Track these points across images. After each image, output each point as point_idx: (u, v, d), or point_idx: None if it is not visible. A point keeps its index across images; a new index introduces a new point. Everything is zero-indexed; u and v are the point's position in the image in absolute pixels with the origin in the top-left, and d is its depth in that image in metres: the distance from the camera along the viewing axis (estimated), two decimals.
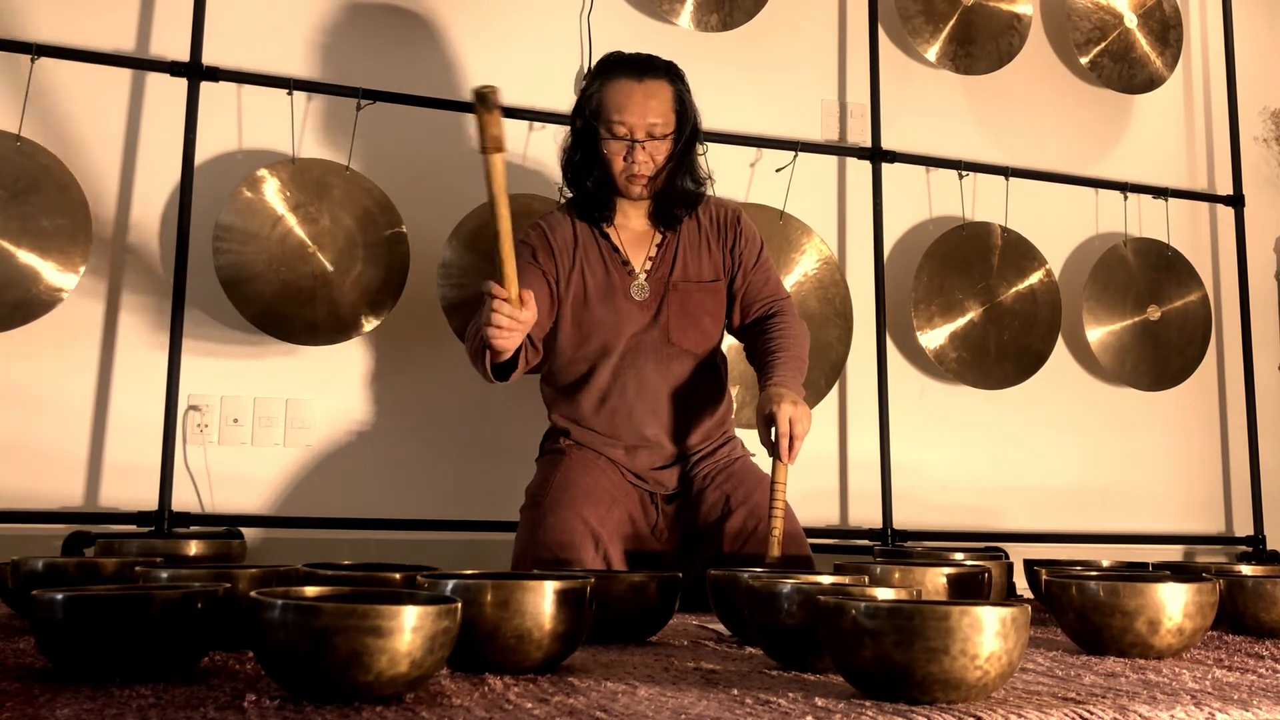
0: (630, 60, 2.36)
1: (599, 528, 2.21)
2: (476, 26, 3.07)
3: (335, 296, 2.74)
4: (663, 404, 2.36)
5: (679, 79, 2.37)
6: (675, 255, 2.40)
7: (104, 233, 2.71)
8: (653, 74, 2.33)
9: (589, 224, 2.40)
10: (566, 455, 2.35)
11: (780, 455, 2.14)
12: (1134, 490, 3.57)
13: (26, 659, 1.39)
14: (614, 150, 2.32)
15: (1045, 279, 3.40)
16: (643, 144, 2.30)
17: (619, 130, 2.30)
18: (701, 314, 2.39)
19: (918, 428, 3.32)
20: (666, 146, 2.33)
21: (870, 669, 1.20)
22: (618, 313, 2.35)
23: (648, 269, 2.39)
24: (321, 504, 2.80)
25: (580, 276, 2.36)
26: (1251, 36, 3.90)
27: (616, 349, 2.34)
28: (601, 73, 2.36)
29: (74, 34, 2.73)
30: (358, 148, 2.82)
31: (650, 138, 2.30)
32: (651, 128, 2.30)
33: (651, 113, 2.30)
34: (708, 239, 2.43)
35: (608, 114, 2.31)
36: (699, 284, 2.39)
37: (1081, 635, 1.64)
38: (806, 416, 2.16)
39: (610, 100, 2.31)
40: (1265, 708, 1.20)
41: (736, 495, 2.32)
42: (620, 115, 2.29)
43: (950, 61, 3.39)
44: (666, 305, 2.37)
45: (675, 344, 2.37)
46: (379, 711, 1.10)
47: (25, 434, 2.63)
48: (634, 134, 2.30)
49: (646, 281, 2.37)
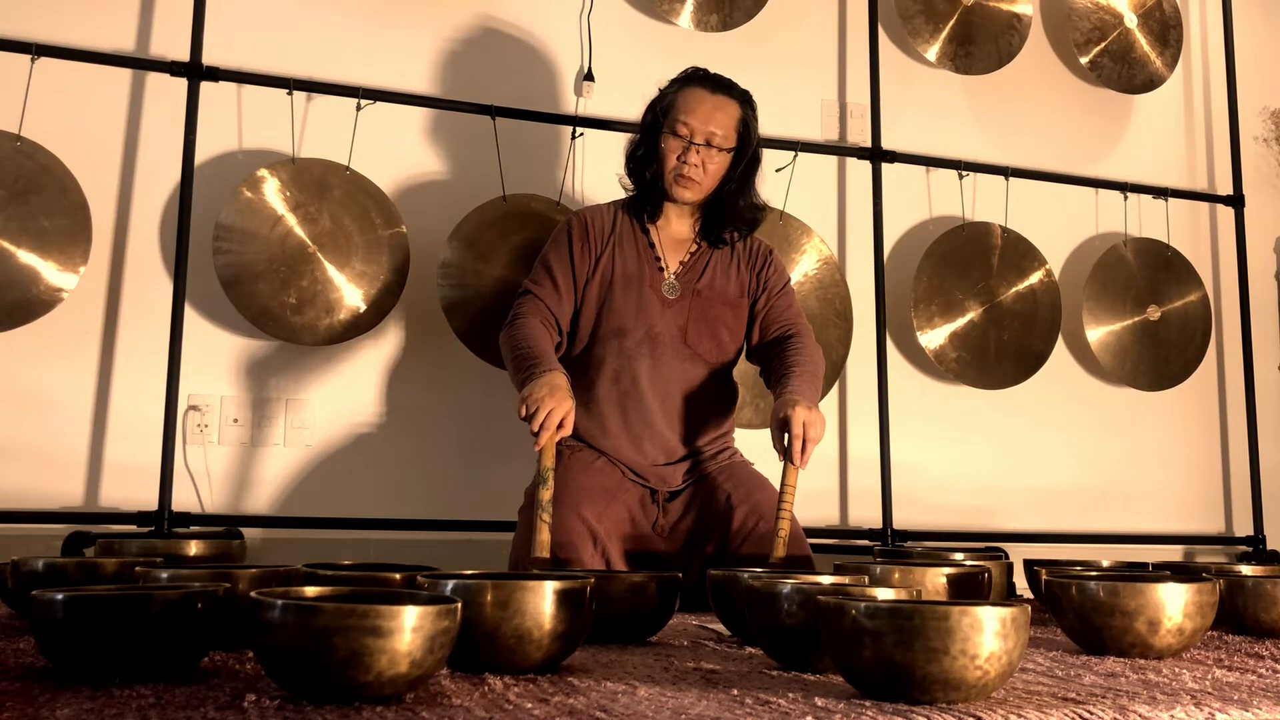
0: (711, 76, 2.49)
1: (597, 526, 2.22)
2: (477, 26, 3.07)
3: (335, 297, 2.74)
4: (673, 399, 2.41)
5: (750, 105, 2.49)
6: (706, 266, 2.50)
7: (104, 233, 2.71)
8: (726, 92, 2.46)
9: (633, 218, 2.50)
10: (564, 455, 2.35)
11: (792, 458, 2.17)
12: (1134, 490, 3.57)
13: (26, 659, 1.39)
14: (671, 147, 2.42)
15: (1045, 279, 3.40)
16: (698, 148, 2.40)
17: (680, 130, 2.41)
18: (719, 325, 2.47)
19: (918, 428, 3.32)
20: (722, 160, 2.43)
21: (870, 669, 1.20)
22: (641, 301, 2.43)
23: (678, 271, 2.48)
24: (321, 504, 2.80)
25: (610, 260, 2.45)
26: (1251, 36, 3.90)
27: (633, 333, 2.41)
28: (681, 80, 2.49)
29: (74, 34, 2.73)
30: (358, 148, 2.82)
31: (708, 144, 2.41)
32: (711, 135, 2.41)
33: (715, 122, 2.41)
34: (739, 260, 2.53)
35: (674, 114, 2.43)
36: (722, 297, 2.49)
37: (1081, 635, 1.64)
38: (821, 422, 2.22)
39: (681, 102, 2.44)
40: (1265, 708, 1.20)
41: (738, 493, 2.34)
42: (686, 117, 2.41)
43: (950, 61, 3.39)
44: (688, 309, 2.45)
45: (691, 347, 2.44)
46: (379, 711, 1.10)
47: (25, 434, 2.63)
48: (694, 136, 2.40)
49: (676, 282, 2.46)
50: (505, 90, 3.03)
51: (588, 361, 2.42)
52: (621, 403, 2.39)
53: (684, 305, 2.45)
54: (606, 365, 2.40)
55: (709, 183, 2.44)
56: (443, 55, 3.03)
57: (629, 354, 2.40)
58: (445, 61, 3.04)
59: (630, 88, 3.13)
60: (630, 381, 2.39)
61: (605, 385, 2.39)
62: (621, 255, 2.46)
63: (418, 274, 2.83)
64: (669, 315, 2.44)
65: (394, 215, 2.81)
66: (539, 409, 2.12)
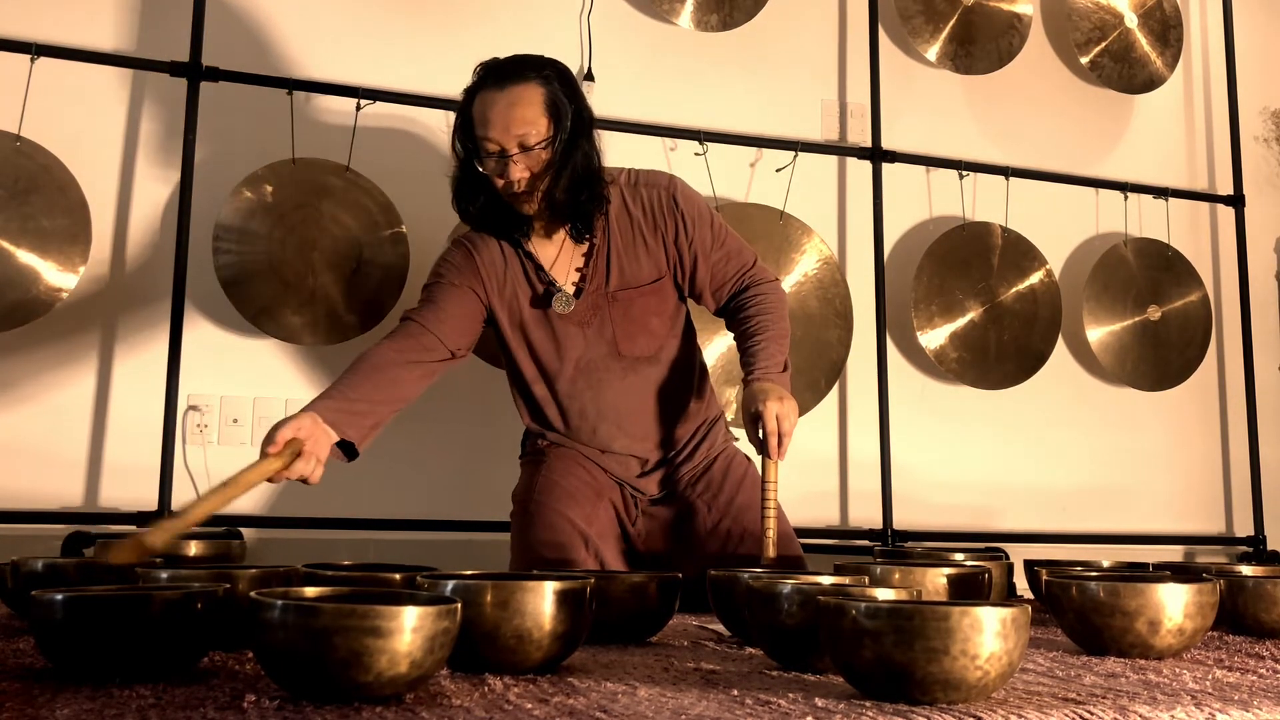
0: (495, 67, 2.12)
1: (587, 527, 2.18)
2: (477, 26, 3.07)
3: (335, 296, 2.74)
4: (627, 417, 2.26)
5: (553, 76, 2.10)
6: (608, 262, 2.21)
7: (104, 233, 2.71)
8: (515, 79, 2.07)
9: (512, 245, 2.21)
10: (547, 457, 2.29)
11: (769, 453, 2.08)
12: (1134, 490, 3.57)
13: (26, 659, 1.39)
14: (490, 169, 2.09)
15: (1045, 279, 3.40)
16: (513, 158, 2.06)
17: (489, 147, 2.07)
18: (648, 317, 2.24)
19: (918, 428, 3.32)
20: (545, 154, 2.08)
21: (870, 669, 1.20)
22: (555, 334, 2.21)
23: (576, 281, 2.21)
24: (321, 504, 2.79)
25: (514, 298, 2.21)
26: (1251, 36, 3.90)
27: (564, 371, 2.22)
28: (470, 88, 2.13)
29: (74, 34, 2.73)
30: (358, 148, 2.82)
31: (522, 149, 2.06)
32: (522, 138, 2.05)
33: (517, 122, 2.05)
34: (642, 233, 2.21)
35: (474, 129, 2.09)
36: (639, 289, 2.22)
37: (1081, 635, 1.64)
38: (793, 410, 2.07)
39: (477, 115, 2.09)
40: (1265, 708, 1.20)
41: (717, 503, 2.27)
42: (485, 130, 2.07)
43: (950, 61, 3.39)
44: (609, 318, 2.21)
45: (626, 355, 2.23)
46: (379, 712, 1.10)
47: (25, 434, 2.63)
48: (505, 147, 2.06)
49: (575, 296, 2.20)
50: None
51: (533, 399, 2.29)
52: (577, 434, 2.27)
53: (602, 319, 2.20)
54: (550, 404, 2.27)
55: (547, 182, 2.09)
56: (443, 55, 3.03)
57: (568, 394, 2.24)
58: (445, 61, 3.03)
59: (630, 88, 3.14)
60: (580, 416, 2.25)
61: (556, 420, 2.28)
62: (519, 290, 2.20)
63: (418, 274, 2.82)
64: (590, 337, 2.21)
65: (394, 215, 2.81)
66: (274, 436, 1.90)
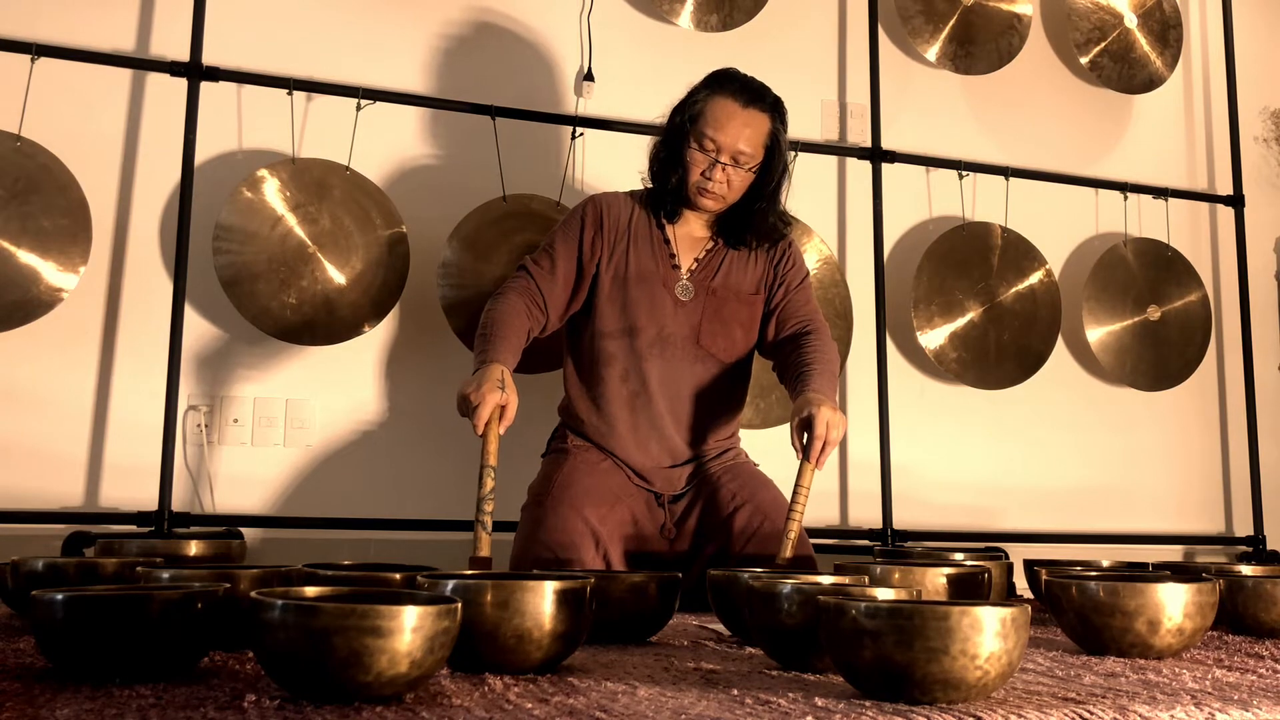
0: (743, 83, 2.37)
1: (599, 527, 2.22)
2: (477, 26, 3.07)
3: (335, 297, 2.74)
4: (682, 401, 2.38)
5: (781, 116, 2.38)
6: (721, 262, 2.43)
7: (104, 233, 2.71)
8: (758, 103, 2.34)
9: (649, 214, 2.43)
10: (570, 455, 2.35)
11: (810, 456, 2.13)
12: (1134, 490, 3.57)
13: (26, 659, 1.39)
14: (695, 160, 2.34)
15: (1045, 279, 3.40)
16: (724, 165, 2.32)
17: (707, 145, 2.32)
18: (734, 323, 2.42)
19: (918, 428, 3.32)
20: (748, 177, 2.36)
21: (870, 669, 1.20)
22: (653, 300, 2.37)
23: (690, 268, 2.41)
24: (321, 504, 2.80)
25: (625, 256, 2.39)
26: (1251, 36, 3.90)
27: (645, 332, 2.36)
28: (711, 84, 2.38)
29: (74, 34, 2.73)
30: (358, 148, 2.82)
31: (734, 163, 2.33)
32: (739, 154, 2.32)
33: (744, 140, 2.32)
34: (755, 252, 2.46)
35: (702, 126, 2.33)
36: (737, 294, 2.42)
37: (1081, 635, 1.64)
38: (843, 424, 2.16)
39: (709, 113, 2.33)
40: (1265, 708, 1.20)
41: (742, 494, 2.33)
42: (713, 132, 2.31)
43: (950, 61, 3.39)
44: (702, 309, 2.39)
45: (704, 347, 2.38)
46: (379, 711, 1.10)
47: (25, 434, 2.63)
48: (720, 154, 2.32)
49: (689, 282, 2.40)
50: (505, 90, 3.03)
51: (597, 356, 2.38)
52: (630, 403, 2.36)
53: (698, 305, 2.39)
54: (616, 363, 2.37)
55: (733, 197, 2.37)
56: (443, 55, 3.03)
57: (639, 354, 2.35)
58: (445, 61, 3.03)
59: (630, 88, 3.14)
60: (639, 382, 2.36)
61: (614, 384, 2.37)
62: (636, 251, 2.40)
63: (418, 274, 2.83)
64: (682, 315, 2.38)
65: (394, 215, 2.81)
66: (477, 405, 2.06)
